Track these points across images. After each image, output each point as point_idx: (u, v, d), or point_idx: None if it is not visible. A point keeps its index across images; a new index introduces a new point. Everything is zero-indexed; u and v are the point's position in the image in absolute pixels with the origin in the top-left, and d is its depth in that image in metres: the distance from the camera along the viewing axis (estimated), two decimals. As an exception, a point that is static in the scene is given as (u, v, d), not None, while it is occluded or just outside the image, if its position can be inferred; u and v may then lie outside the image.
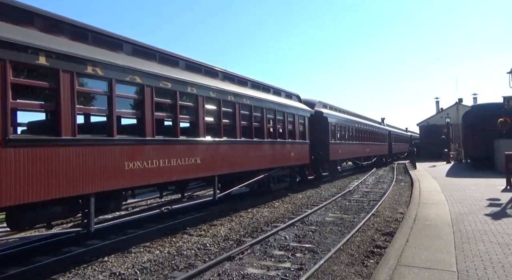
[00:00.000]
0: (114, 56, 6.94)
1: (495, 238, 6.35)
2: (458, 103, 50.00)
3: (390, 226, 8.66)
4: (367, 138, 26.76)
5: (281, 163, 13.37)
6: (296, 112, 14.92)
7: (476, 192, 12.11)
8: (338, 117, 20.74)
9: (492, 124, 19.99)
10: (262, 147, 12.00)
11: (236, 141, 10.55)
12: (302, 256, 6.52)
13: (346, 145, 21.63)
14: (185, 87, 8.48)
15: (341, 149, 20.30)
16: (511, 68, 12.53)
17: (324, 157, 17.95)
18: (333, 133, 19.20)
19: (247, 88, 11.82)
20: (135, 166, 7.05)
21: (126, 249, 7.17)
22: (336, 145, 19.50)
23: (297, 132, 14.81)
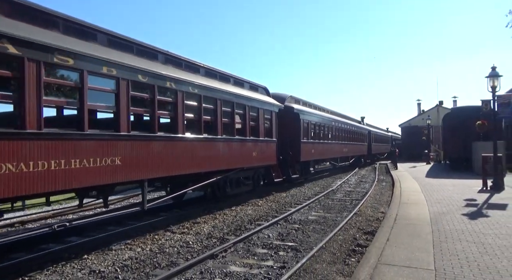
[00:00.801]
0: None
1: (472, 237, 6.55)
2: (438, 105, 51.37)
3: (372, 225, 8.81)
4: (344, 138, 25.26)
5: (240, 164, 11.70)
6: (261, 106, 13.21)
7: (454, 193, 12.46)
8: (312, 114, 19.02)
9: (470, 127, 20.58)
10: (214, 146, 10.27)
11: (177, 137, 8.73)
12: (285, 254, 6.55)
13: (321, 144, 19.98)
14: (100, 68, 6.60)
15: (314, 149, 18.65)
16: (489, 73, 12.87)
17: (295, 157, 16.36)
18: (305, 131, 17.46)
19: (197, 75, 9.97)
20: (1, 170, 5.11)
21: (106, 246, 7.04)
22: (308, 144, 17.82)
23: (261, 129, 13.17)
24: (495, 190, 12.73)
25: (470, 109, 22.53)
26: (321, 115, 20.81)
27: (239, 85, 12.39)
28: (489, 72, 12.80)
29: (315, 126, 19.12)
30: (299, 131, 16.66)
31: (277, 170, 14.90)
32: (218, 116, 10.48)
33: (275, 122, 14.47)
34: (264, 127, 13.46)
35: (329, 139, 21.75)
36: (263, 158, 13.35)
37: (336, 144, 23.24)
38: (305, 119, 17.47)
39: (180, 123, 8.83)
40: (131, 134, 7.37)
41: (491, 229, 7.15)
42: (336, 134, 23.17)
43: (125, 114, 7.31)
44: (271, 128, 14.18)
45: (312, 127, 18.56)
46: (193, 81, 9.32)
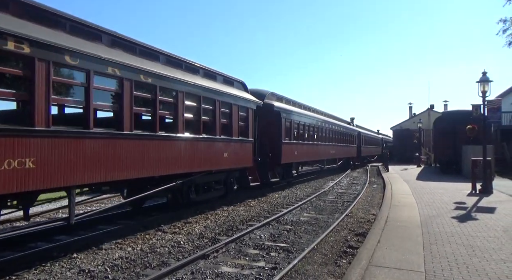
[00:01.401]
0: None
1: (461, 240, 6.64)
2: (429, 109, 51.98)
3: (363, 227, 8.86)
4: (332, 139, 23.97)
5: (207, 166, 10.25)
6: (235, 101, 11.70)
7: (444, 196, 12.61)
8: (296, 112, 17.47)
9: (460, 130, 20.92)
10: (173, 145, 8.84)
11: (121, 135, 7.23)
12: (276, 255, 6.55)
13: (305, 146, 18.60)
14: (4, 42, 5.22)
15: (297, 150, 17.25)
16: (480, 78, 13.06)
17: (275, 159, 15.01)
18: (287, 131, 16.09)
19: (155, 63, 8.63)
20: None
21: (96, 245, 6.96)
22: (291, 145, 16.42)
23: (234, 127, 11.74)
24: (484, 193, 12.93)
25: (461, 113, 22.90)
26: (306, 114, 19.40)
27: (209, 78, 10.90)
28: (480, 77, 13.00)
29: (298, 125, 17.72)
30: (280, 131, 15.29)
31: (254, 173, 13.52)
32: (179, 111, 9.03)
33: (252, 120, 12.99)
34: (238, 126, 12.02)
35: (315, 140, 20.49)
36: (237, 160, 11.91)
37: (323, 145, 21.91)
38: (287, 118, 16.09)
39: (127, 118, 7.36)
40: (51, 129, 5.85)
41: (479, 232, 7.25)
42: (322, 135, 21.92)
43: (44, 105, 5.73)
44: (247, 127, 12.65)
45: (295, 127, 17.20)
46: (146, 68, 7.87)
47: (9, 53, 5.35)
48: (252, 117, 13.12)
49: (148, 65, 8.09)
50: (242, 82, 13.34)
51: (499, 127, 24.75)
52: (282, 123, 15.51)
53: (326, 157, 22.89)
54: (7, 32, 5.22)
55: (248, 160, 12.76)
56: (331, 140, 23.78)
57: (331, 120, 25.05)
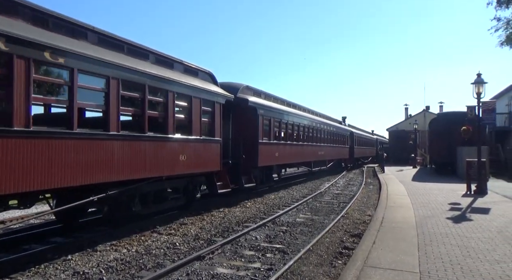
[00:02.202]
0: None
1: (455, 240, 6.67)
2: (425, 111, 52.29)
3: (359, 228, 8.89)
4: (320, 139, 22.31)
5: (156, 172, 8.29)
6: (196, 94, 9.74)
7: (439, 197, 12.68)
8: (276, 109, 15.63)
9: (455, 132, 21.05)
10: (99, 146, 6.86)
11: (12, 132, 5.36)
12: (272, 256, 6.56)
13: (288, 146, 16.77)
14: None
15: (279, 151, 15.49)
16: (474, 79, 13.16)
17: (251, 162, 13.15)
18: (266, 130, 14.34)
19: (84, 42, 6.90)
20: None
21: (91, 247, 6.92)
22: (270, 146, 14.67)
23: (195, 124, 9.72)
24: (479, 194, 13.00)
25: (456, 115, 23.04)
26: (290, 111, 17.44)
27: (164, 65, 9.10)
28: (475, 78, 13.09)
29: (280, 124, 15.82)
30: (257, 130, 13.47)
31: (224, 179, 11.58)
32: (111, 103, 7.11)
33: (219, 117, 11.00)
34: (201, 123, 10.03)
35: (300, 140, 18.73)
36: (199, 164, 9.92)
37: (310, 146, 20.14)
38: (266, 115, 14.27)
39: (22, 110, 5.47)
40: None
41: (474, 232, 7.30)
42: (309, 135, 20.21)
43: None
44: (213, 124, 10.69)
45: (276, 125, 15.37)
46: (55, 44, 5.95)
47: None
48: (219, 113, 11.03)
49: (65, 43, 6.27)
50: (210, 73, 11.19)
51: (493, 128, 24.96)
52: (259, 121, 13.71)
53: (313, 158, 21.21)
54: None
55: (214, 163, 10.72)
56: (319, 140, 22.10)
57: (319, 118, 23.31)
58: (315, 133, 21.27)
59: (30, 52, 5.61)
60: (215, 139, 10.90)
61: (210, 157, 10.56)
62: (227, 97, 11.59)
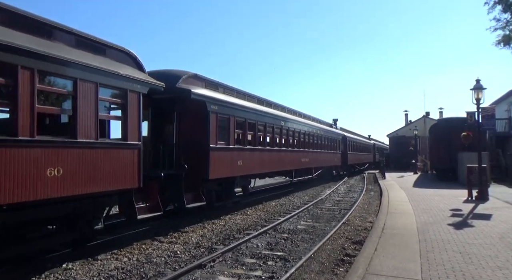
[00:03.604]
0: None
1: (457, 247, 6.65)
2: (425, 116, 52.36)
3: (360, 234, 8.86)
4: (304, 144, 19.37)
5: (15, 196, 5.37)
6: (87, 76, 6.63)
7: (441, 203, 12.65)
8: (238, 106, 12.23)
9: (456, 137, 21.05)
10: None
11: None
12: (273, 264, 6.53)
13: (257, 152, 13.56)
14: None
15: (243, 158, 12.32)
16: (473, 85, 13.22)
17: (199, 173, 10.19)
18: (222, 131, 11.22)
19: None
20: None
21: (92, 256, 6.89)
22: (228, 152, 11.46)
23: (85, 120, 6.58)
24: (480, 200, 12.97)
25: (456, 120, 23.07)
26: (260, 110, 14.13)
27: (33, 32, 6.04)
28: (474, 84, 13.15)
29: (246, 125, 12.76)
30: (207, 131, 10.33)
31: (152, 198, 8.63)
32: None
33: (137, 113, 7.72)
34: (97, 119, 6.83)
35: (276, 145, 15.69)
36: (94, 180, 6.71)
37: (290, 152, 17.19)
38: (222, 112, 11.08)
39: None
40: None
41: (476, 239, 7.27)
42: (289, 139, 17.38)
43: None
44: (125, 123, 7.46)
45: (239, 126, 12.43)
46: None
47: None
48: (137, 106, 7.75)
49: None
50: (129, 53, 8.12)
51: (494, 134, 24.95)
52: (211, 120, 10.47)
53: (295, 166, 17.94)
54: None
55: (128, 177, 7.46)
56: (303, 145, 19.22)
57: (303, 120, 20.19)
58: (297, 136, 18.41)
59: None
60: (129, 144, 7.52)
61: (118, 170, 7.25)
62: (152, 85, 8.25)
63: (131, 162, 7.65)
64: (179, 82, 9.83)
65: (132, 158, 7.71)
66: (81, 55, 6.74)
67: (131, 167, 7.65)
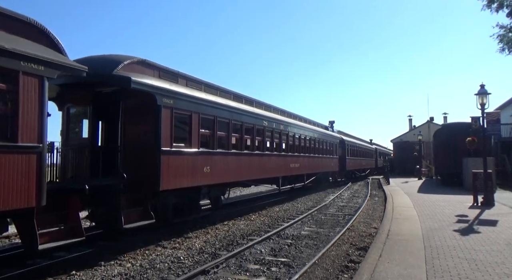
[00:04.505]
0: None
1: (463, 253, 6.57)
2: (429, 122, 52.16)
3: (364, 240, 8.79)
4: (294, 147, 17.43)
5: None
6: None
7: (446, 209, 12.53)
8: (203, 101, 10.09)
9: (461, 143, 20.91)
10: None
11: None
12: (277, 270, 6.49)
13: (231, 157, 11.57)
14: None
15: (210, 164, 10.26)
16: (478, 90, 13.17)
17: (147, 183, 8.31)
18: (181, 130, 9.36)
19: None
20: None
21: (95, 262, 6.89)
22: (189, 157, 9.37)
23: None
24: (486, 206, 12.85)
25: (460, 126, 22.97)
26: (232, 106, 11.83)
27: None
28: (478, 89, 13.10)
29: (214, 123, 10.61)
30: (157, 131, 8.34)
31: (69, 219, 6.81)
32: None
33: (38, 103, 5.84)
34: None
35: (257, 148, 13.62)
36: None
37: (274, 156, 14.98)
38: (178, 108, 9.00)
39: None
40: None
41: (482, 245, 7.19)
42: (273, 141, 15.01)
43: None
44: (15, 117, 5.52)
45: (206, 126, 10.30)
46: None
47: None
48: (37, 94, 5.82)
49: None
50: (39, 27, 6.26)
51: (499, 139, 24.79)
52: (164, 116, 8.48)
53: (281, 173, 15.82)
54: None
55: (21, 193, 5.56)
56: (292, 149, 17.18)
57: (290, 120, 17.72)
58: (285, 139, 16.36)
59: None
60: (20, 147, 5.57)
61: (7, 185, 5.34)
62: (66, 67, 6.26)
63: (24, 172, 5.60)
64: (118, 68, 7.81)
65: (26, 166, 5.67)
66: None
67: (25, 178, 5.62)
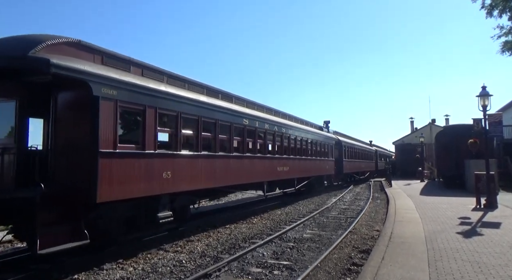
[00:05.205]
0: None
1: (466, 256, 6.54)
2: (431, 124, 52.03)
3: (367, 243, 8.76)
4: (282, 149, 15.74)
5: None
6: None
7: (448, 211, 12.48)
8: (160, 93, 8.35)
9: (463, 145, 20.82)
10: None
11: None
12: (279, 273, 6.47)
13: (201, 160, 9.79)
14: None
15: (176, 168, 8.71)
16: (480, 92, 13.14)
17: (81, 193, 6.63)
18: (131, 128, 8.15)
19: None
20: None
21: (97, 266, 6.88)
22: (143, 159, 7.74)
23: None
24: (489, 208, 12.78)
25: (462, 127, 22.86)
26: (202, 101, 10.04)
27: None
28: (480, 91, 13.08)
29: (177, 120, 8.88)
30: (95, 128, 6.67)
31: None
32: None
33: None
34: None
35: (235, 149, 11.84)
36: None
37: (257, 159, 13.34)
38: (126, 101, 7.33)
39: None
40: None
41: (485, 247, 7.15)
42: (256, 142, 13.58)
43: None
44: None
45: (166, 123, 8.83)
46: None
47: None
48: None
49: None
50: None
51: (501, 141, 24.69)
52: (103, 110, 6.76)
53: (266, 177, 14.15)
54: None
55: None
56: (280, 150, 15.65)
57: (278, 119, 16.04)
58: (271, 140, 14.75)
59: None
60: None
61: None
62: None
63: None
64: (37, 49, 6.00)
65: None
66: None
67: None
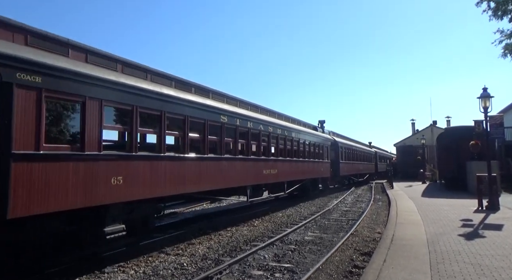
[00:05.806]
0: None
1: (468, 258, 6.51)
2: (432, 125, 51.95)
3: (368, 245, 8.74)
4: (269, 150, 14.49)
5: None
6: None
7: (450, 213, 12.44)
8: (109, 83, 6.94)
9: (464, 146, 20.78)
10: None
11: None
12: (281, 276, 6.46)
13: (166, 161, 8.49)
14: None
15: (131, 172, 7.44)
16: (481, 94, 13.14)
17: None
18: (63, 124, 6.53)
19: None
20: None
21: (98, 269, 6.88)
22: (81, 163, 6.34)
23: None
24: (491, 210, 12.74)
25: (464, 129, 22.82)
26: (169, 95, 8.70)
27: None
28: (481, 93, 13.06)
29: (133, 116, 7.55)
30: (8, 123, 5.29)
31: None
32: None
33: None
34: None
35: (211, 150, 10.59)
36: None
37: (238, 161, 12.01)
38: (54, 90, 5.93)
39: None
40: None
41: (487, 250, 7.12)
42: (237, 142, 12.11)
43: None
44: None
45: (117, 119, 7.70)
46: None
47: None
48: None
49: None
50: None
51: (503, 142, 24.66)
52: (19, 101, 5.44)
53: (250, 181, 12.86)
54: None
55: None
56: (267, 151, 14.30)
57: (263, 117, 14.69)
58: (256, 140, 13.40)
59: None
60: None
61: None
62: None
63: None
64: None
65: None
66: None
67: None
